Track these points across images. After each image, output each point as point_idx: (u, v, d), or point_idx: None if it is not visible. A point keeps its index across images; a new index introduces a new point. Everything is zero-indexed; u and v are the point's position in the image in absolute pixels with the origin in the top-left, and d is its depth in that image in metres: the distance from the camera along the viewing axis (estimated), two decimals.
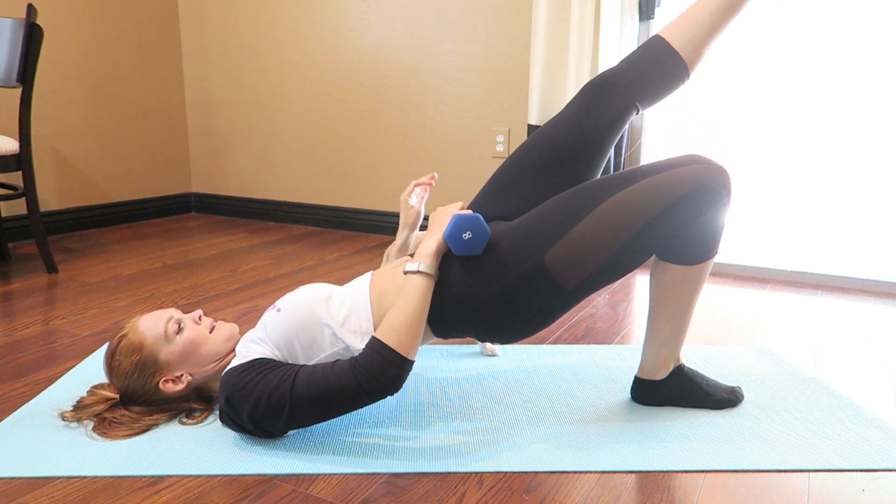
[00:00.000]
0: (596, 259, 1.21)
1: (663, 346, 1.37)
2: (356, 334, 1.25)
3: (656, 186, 1.20)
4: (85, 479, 1.14)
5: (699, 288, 1.32)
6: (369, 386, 1.15)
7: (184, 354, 1.29)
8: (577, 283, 1.23)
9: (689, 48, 1.34)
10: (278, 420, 1.18)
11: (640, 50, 1.36)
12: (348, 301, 1.28)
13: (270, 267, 2.59)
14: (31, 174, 2.34)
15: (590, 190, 1.24)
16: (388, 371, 1.15)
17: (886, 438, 1.29)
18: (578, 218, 1.21)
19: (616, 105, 1.35)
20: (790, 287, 2.38)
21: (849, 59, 2.30)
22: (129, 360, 1.27)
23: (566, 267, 1.21)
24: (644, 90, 1.35)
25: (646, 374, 1.41)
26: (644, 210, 1.20)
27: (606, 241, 1.20)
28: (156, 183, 3.60)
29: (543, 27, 2.48)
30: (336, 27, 3.14)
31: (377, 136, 3.16)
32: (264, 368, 1.19)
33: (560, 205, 1.25)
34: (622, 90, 1.34)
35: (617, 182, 1.23)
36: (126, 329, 1.30)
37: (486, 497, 1.10)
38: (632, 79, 1.34)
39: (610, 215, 1.20)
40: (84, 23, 3.16)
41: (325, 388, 1.16)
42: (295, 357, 1.25)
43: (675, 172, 1.20)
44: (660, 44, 1.34)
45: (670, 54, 1.34)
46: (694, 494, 1.11)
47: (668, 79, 1.35)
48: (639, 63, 1.35)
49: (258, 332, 1.28)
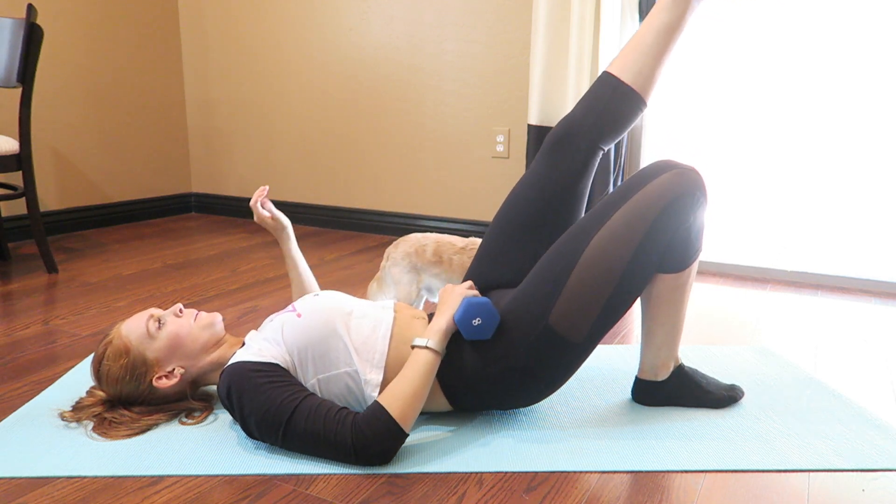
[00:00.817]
0: (597, 305, 1.22)
1: (661, 349, 1.37)
2: (368, 364, 1.25)
3: (633, 212, 1.21)
4: (85, 479, 1.14)
5: (689, 288, 1.33)
6: (361, 449, 1.14)
7: (170, 348, 1.29)
8: (585, 334, 1.23)
9: (639, 79, 1.35)
10: (268, 437, 1.18)
11: (592, 91, 1.38)
12: (368, 325, 1.28)
13: (270, 267, 2.58)
14: (31, 174, 2.34)
15: (570, 240, 1.25)
16: (385, 441, 1.14)
17: (886, 438, 1.29)
18: (567, 273, 1.22)
19: (581, 153, 1.36)
20: (790, 287, 2.38)
21: (849, 60, 2.30)
22: (118, 365, 1.27)
23: (571, 323, 1.22)
24: (604, 131, 1.36)
25: (647, 375, 1.41)
26: (628, 240, 1.20)
27: (602, 284, 1.21)
28: (156, 183, 3.60)
29: (543, 27, 2.48)
30: (336, 27, 3.14)
31: (377, 136, 3.16)
32: (274, 379, 1.18)
33: (547, 265, 1.25)
34: (584, 137, 1.36)
35: (593, 222, 1.23)
36: (110, 336, 1.30)
37: (486, 497, 1.10)
38: (590, 123, 1.35)
39: (597, 258, 1.21)
40: (84, 23, 3.16)
41: (320, 431, 1.14)
42: (305, 366, 1.24)
43: (647, 190, 1.21)
44: (610, 80, 1.36)
45: (623, 90, 1.35)
46: (694, 494, 1.11)
47: (625, 114, 1.36)
48: (594, 105, 1.36)
49: (272, 333, 1.27)
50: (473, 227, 2.98)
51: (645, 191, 1.21)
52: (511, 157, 2.85)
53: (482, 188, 2.94)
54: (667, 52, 1.35)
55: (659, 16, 1.34)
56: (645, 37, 1.35)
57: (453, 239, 1.78)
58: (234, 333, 1.85)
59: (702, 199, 1.23)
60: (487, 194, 2.93)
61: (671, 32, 1.34)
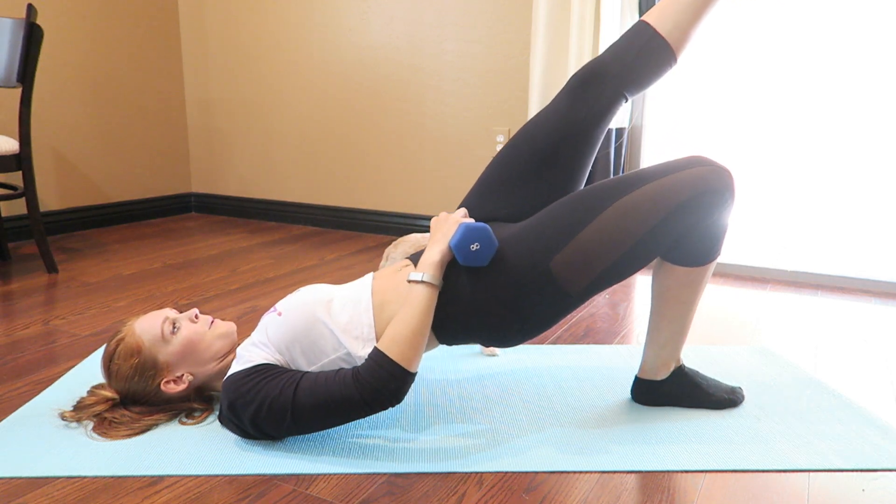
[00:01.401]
0: (601, 264, 1.21)
1: (665, 348, 1.37)
2: (358, 340, 1.23)
3: (661, 190, 1.20)
4: (85, 479, 1.14)
5: (701, 289, 1.32)
6: (371, 398, 1.14)
7: (182, 354, 1.29)
8: (581, 288, 1.23)
9: (675, 33, 1.31)
10: (280, 427, 1.18)
11: (626, 37, 1.34)
12: (349, 304, 1.26)
13: (270, 267, 2.58)
14: (31, 174, 2.34)
15: (595, 194, 1.23)
16: (390, 384, 1.14)
17: (886, 438, 1.29)
18: (584, 224, 1.21)
19: (605, 97, 1.33)
20: (790, 287, 2.38)
21: (849, 60, 2.30)
22: (128, 364, 1.27)
23: (571, 273, 1.21)
24: (632, 79, 1.33)
25: (646, 375, 1.41)
26: (649, 214, 1.19)
27: (612, 246, 1.20)
28: (156, 183, 3.60)
29: (543, 27, 2.48)
30: (336, 27, 3.14)
31: (377, 136, 3.16)
32: (267, 374, 1.19)
33: (566, 210, 1.24)
34: (611, 81, 1.32)
35: (622, 186, 1.22)
36: (123, 332, 1.30)
37: (486, 497, 1.10)
38: (619, 69, 1.32)
39: (615, 220, 1.20)
40: (84, 23, 3.16)
41: (326, 399, 1.15)
42: (296, 362, 1.24)
43: (679, 176, 1.20)
44: (646, 30, 1.32)
45: (657, 40, 1.32)
46: (694, 494, 1.11)
47: (655, 66, 1.33)
48: (626, 52, 1.33)
49: (259, 336, 1.26)
50: None
51: (678, 175, 1.20)
52: None
53: None
54: (706, 10, 1.32)
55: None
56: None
57: None
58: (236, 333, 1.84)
59: (729, 200, 1.22)
60: None
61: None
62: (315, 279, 2.42)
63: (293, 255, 2.79)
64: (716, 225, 1.24)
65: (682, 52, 1.35)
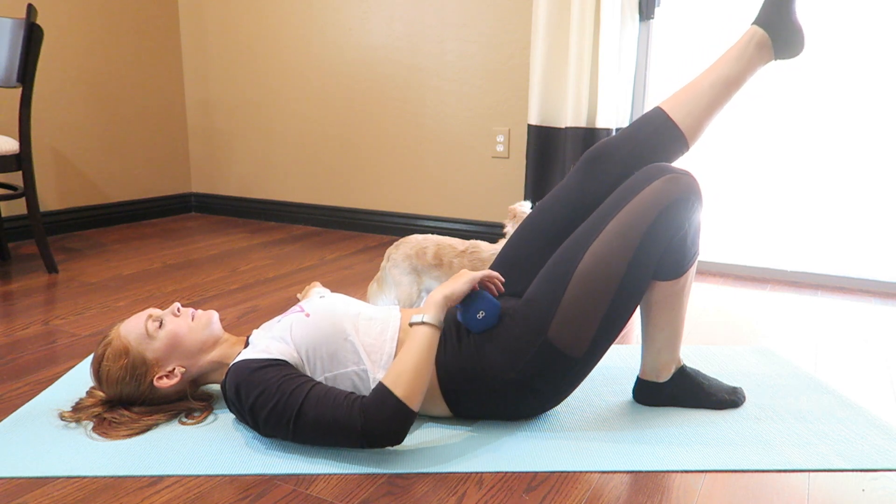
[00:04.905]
0: (596, 318, 1.21)
1: (661, 353, 1.37)
2: (376, 365, 1.25)
3: (626, 222, 1.20)
4: (85, 479, 1.14)
5: (687, 292, 1.33)
6: (371, 433, 1.13)
7: (169, 348, 1.29)
8: (586, 348, 1.23)
9: (687, 120, 1.35)
10: (278, 429, 1.18)
11: (640, 121, 1.38)
12: (376, 327, 1.28)
13: (270, 267, 2.59)
14: (31, 174, 2.34)
15: (565, 253, 1.24)
16: (393, 423, 1.13)
17: (886, 438, 1.29)
18: (564, 285, 1.21)
19: (615, 177, 1.35)
20: (790, 287, 2.38)
21: (849, 60, 2.29)
22: (118, 365, 1.27)
23: (570, 338, 1.22)
24: (642, 161, 1.35)
25: (648, 376, 1.41)
26: (622, 252, 1.20)
27: (598, 297, 1.20)
28: (156, 183, 3.60)
29: (543, 27, 2.48)
30: (336, 27, 3.14)
31: (377, 136, 3.16)
32: (283, 373, 1.18)
33: (544, 279, 1.25)
34: (620, 162, 1.35)
35: (587, 234, 1.23)
36: (109, 337, 1.30)
37: (486, 497, 1.10)
38: (630, 150, 1.35)
39: (592, 272, 1.20)
40: (84, 23, 3.16)
41: (330, 418, 1.14)
42: (313, 365, 1.24)
43: (639, 199, 1.20)
44: (660, 115, 1.36)
45: (669, 126, 1.35)
46: (694, 494, 1.11)
47: (665, 150, 1.36)
48: (637, 134, 1.36)
49: (282, 332, 1.26)
50: (473, 227, 2.98)
51: (638, 198, 1.21)
52: (511, 157, 2.85)
53: (482, 188, 2.94)
54: (721, 103, 1.36)
55: (721, 67, 1.36)
56: (703, 83, 1.36)
57: (454, 242, 1.78)
58: (235, 333, 1.85)
59: (696, 204, 1.23)
60: (487, 194, 2.93)
61: (729, 86, 1.36)
62: (315, 279, 2.42)
63: (293, 255, 2.79)
64: (689, 230, 1.25)
65: (695, 141, 1.38)
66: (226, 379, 1.23)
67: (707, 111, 1.36)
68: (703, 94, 1.35)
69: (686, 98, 1.36)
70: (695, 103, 1.35)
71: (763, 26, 1.37)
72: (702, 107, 1.35)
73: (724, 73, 1.36)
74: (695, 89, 1.36)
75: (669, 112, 1.36)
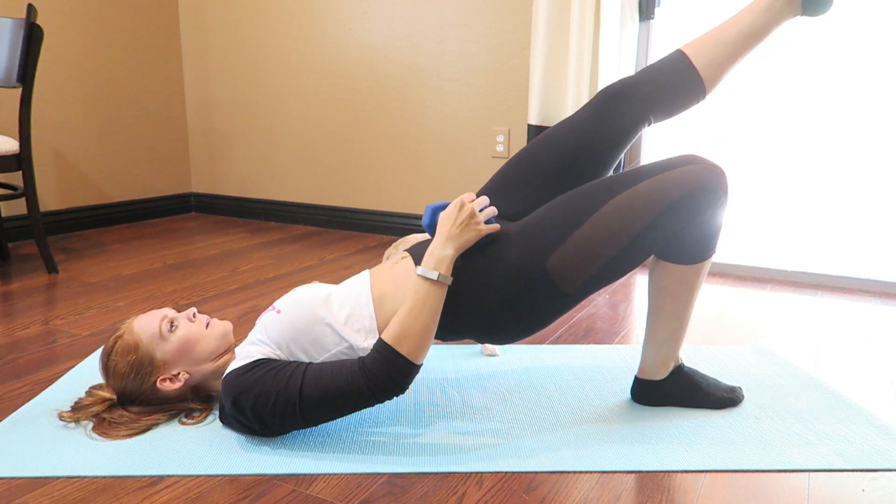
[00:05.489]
0: (597, 262, 1.21)
1: (663, 347, 1.37)
2: (360, 332, 1.23)
3: (654, 189, 1.20)
4: (85, 479, 1.14)
5: (698, 287, 1.33)
6: (378, 389, 1.16)
7: (179, 352, 1.29)
8: (577, 287, 1.23)
9: (709, 69, 1.34)
10: (287, 421, 1.18)
11: (661, 63, 1.36)
12: (349, 300, 1.27)
13: (270, 267, 2.59)
14: (31, 174, 2.34)
15: (590, 193, 1.24)
16: (396, 376, 1.16)
17: (886, 438, 1.29)
18: (579, 222, 1.21)
19: (631, 116, 1.35)
20: (790, 287, 2.38)
21: (849, 60, 2.30)
22: (126, 361, 1.27)
23: (568, 271, 1.21)
24: (659, 105, 1.35)
25: (646, 375, 1.41)
26: (643, 213, 1.20)
27: (607, 244, 1.20)
28: (156, 183, 3.60)
29: (543, 27, 2.48)
30: (336, 27, 3.14)
31: (377, 137, 3.16)
32: (270, 368, 1.19)
33: (561, 208, 1.24)
34: (638, 102, 1.34)
35: (616, 185, 1.23)
36: (121, 330, 1.30)
37: (486, 497, 1.10)
38: (648, 91, 1.34)
39: (610, 219, 1.20)
40: (84, 23, 3.15)
41: (333, 390, 1.16)
42: (296, 357, 1.24)
43: (673, 174, 1.21)
44: (681, 60, 1.34)
45: (690, 72, 1.34)
46: (694, 494, 1.11)
47: (683, 96, 1.35)
48: (658, 77, 1.35)
49: (257, 335, 1.26)
50: None
51: (671, 174, 1.21)
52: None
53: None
54: (744, 52, 1.35)
55: (748, 16, 1.34)
56: (729, 30, 1.34)
57: None
58: (234, 333, 1.85)
59: (723, 198, 1.23)
60: None
61: (755, 36, 1.34)
62: (315, 279, 2.42)
63: (293, 255, 2.79)
64: (710, 222, 1.24)
65: (713, 89, 1.37)
66: (222, 395, 1.23)
67: (729, 60, 1.34)
68: (729, 42, 1.33)
69: (710, 45, 1.34)
70: (718, 51, 1.33)
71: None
72: (725, 55, 1.34)
73: (751, 22, 1.33)
74: (720, 37, 1.34)
75: (693, 58, 1.34)
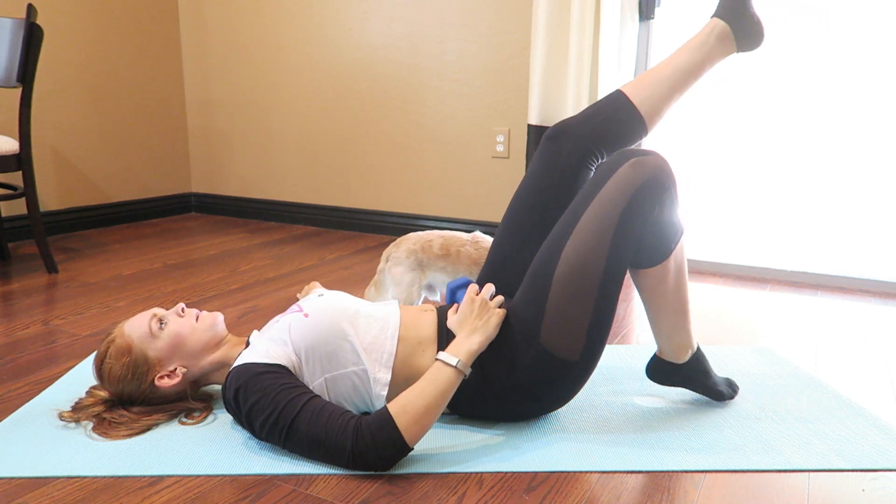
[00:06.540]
0: (585, 318, 1.21)
1: (673, 336, 1.36)
2: (377, 363, 1.25)
3: (596, 217, 1.20)
4: (85, 479, 1.14)
5: (683, 272, 1.31)
6: (361, 454, 1.12)
7: (172, 348, 1.30)
8: (580, 349, 1.22)
9: (646, 104, 1.38)
10: (271, 437, 1.18)
11: (600, 102, 1.41)
12: (375, 325, 1.28)
13: (270, 267, 2.59)
14: (31, 174, 2.34)
15: (543, 256, 1.24)
16: (386, 450, 1.12)
17: (886, 438, 1.29)
18: (546, 292, 1.21)
19: (575, 152, 1.36)
20: (790, 287, 2.38)
21: (849, 60, 2.30)
22: (120, 363, 1.27)
23: (564, 341, 1.22)
24: (601, 140, 1.37)
25: (666, 356, 1.39)
26: (597, 248, 1.19)
27: (582, 299, 1.20)
28: (156, 183, 3.60)
29: (543, 27, 2.48)
30: (336, 27, 3.14)
31: (377, 136, 3.16)
32: (282, 383, 1.17)
33: (529, 280, 1.26)
34: (578, 138, 1.37)
35: (561, 234, 1.23)
36: (112, 335, 1.31)
37: (486, 497, 1.10)
38: (589, 128, 1.37)
39: (571, 273, 1.20)
40: (84, 23, 3.16)
41: (322, 435, 1.13)
42: (313, 366, 1.23)
43: (606, 190, 1.20)
44: (620, 98, 1.39)
45: (629, 109, 1.37)
46: (694, 494, 1.11)
47: (625, 132, 1.38)
48: (596, 114, 1.39)
49: (280, 332, 1.26)
50: (473, 227, 2.98)
51: (605, 189, 1.21)
52: (511, 157, 2.85)
53: (482, 188, 2.94)
54: (680, 89, 1.39)
55: (683, 54, 1.39)
56: (665, 68, 1.39)
57: (456, 234, 1.78)
58: (235, 333, 1.85)
59: (666, 182, 1.21)
60: (487, 194, 2.93)
61: (689, 75, 1.38)
62: (315, 279, 2.42)
63: (293, 255, 2.79)
64: (664, 214, 1.23)
65: (654, 124, 1.40)
66: (226, 382, 1.23)
67: (667, 97, 1.39)
68: (664, 80, 1.38)
69: (647, 83, 1.38)
70: (655, 88, 1.38)
71: (723, 18, 1.39)
72: (662, 92, 1.38)
73: (685, 61, 1.38)
74: (656, 75, 1.39)
75: (630, 95, 1.38)
